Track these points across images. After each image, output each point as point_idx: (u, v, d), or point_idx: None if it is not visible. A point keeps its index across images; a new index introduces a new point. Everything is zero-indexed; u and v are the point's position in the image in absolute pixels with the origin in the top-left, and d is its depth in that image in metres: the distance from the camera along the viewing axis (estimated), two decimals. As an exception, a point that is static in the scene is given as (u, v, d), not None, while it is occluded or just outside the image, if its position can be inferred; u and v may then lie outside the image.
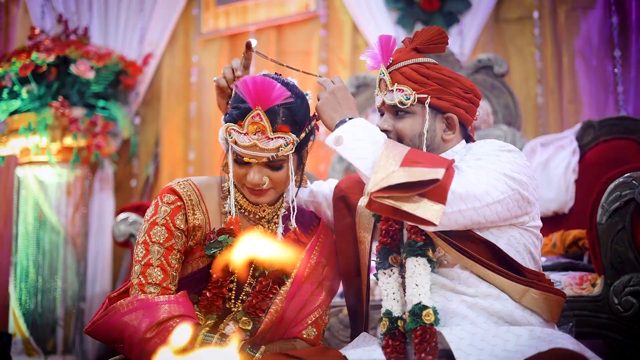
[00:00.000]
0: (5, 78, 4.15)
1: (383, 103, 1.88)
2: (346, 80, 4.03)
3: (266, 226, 1.90)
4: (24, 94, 4.13)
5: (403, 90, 1.83)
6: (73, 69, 4.10)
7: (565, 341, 1.58)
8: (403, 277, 1.80)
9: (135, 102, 4.66)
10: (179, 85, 4.81)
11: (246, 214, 1.90)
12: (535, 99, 4.07)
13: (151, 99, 4.82)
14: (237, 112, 1.76)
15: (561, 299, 1.80)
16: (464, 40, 4.09)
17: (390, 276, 1.82)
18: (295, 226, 1.91)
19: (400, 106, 1.84)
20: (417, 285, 1.72)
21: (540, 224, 1.85)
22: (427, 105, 1.83)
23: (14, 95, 4.17)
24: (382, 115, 1.93)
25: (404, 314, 1.76)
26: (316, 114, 1.88)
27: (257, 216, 1.90)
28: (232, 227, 1.83)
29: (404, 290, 1.77)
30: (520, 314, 1.74)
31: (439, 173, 1.57)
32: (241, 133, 1.74)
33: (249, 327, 1.82)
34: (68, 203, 4.26)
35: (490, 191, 1.67)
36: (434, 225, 1.56)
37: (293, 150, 1.78)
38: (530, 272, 1.78)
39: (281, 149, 1.75)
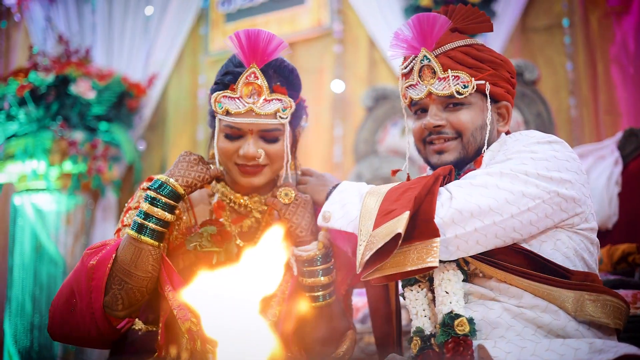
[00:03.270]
0: (3, 101, 3.97)
1: (429, 94, 1.64)
2: (363, 93, 3.79)
3: (258, 217, 1.75)
4: (21, 116, 3.94)
5: (459, 77, 1.61)
6: (73, 88, 3.97)
7: (632, 349, 1.35)
8: (433, 293, 1.57)
9: (140, 126, 4.55)
10: (186, 107, 4.70)
11: (236, 207, 1.75)
12: (568, 112, 3.79)
13: (157, 122, 4.72)
14: (229, 77, 1.60)
15: (622, 304, 1.51)
16: (489, 50, 3.83)
17: (418, 292, 1.60)
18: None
19: (458, 96, 1.61)
20: (447, 292, 1.50)
21: (594, 225, 1.59)
22: (487, 93, 1.63)
23: (11, 118, 4.00)
24: (419, 110, 1.69)
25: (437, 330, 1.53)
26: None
27: (248, 208, 1.75)
28: (218, 213, 1.72)
29: (435, 306, 1.55)
30: (575, 327, 1.48)
31: (400, 224, 1.40)
32: (234, 98, 1.58)
33: None
34: (68, 232, 4.11)
35: (513, 200, 1.45)
36: (436, 267, 1.39)
37: (289, 118, 1.62)
38: (578, 274, 1.51)
39: (279, 114, 1.60)
